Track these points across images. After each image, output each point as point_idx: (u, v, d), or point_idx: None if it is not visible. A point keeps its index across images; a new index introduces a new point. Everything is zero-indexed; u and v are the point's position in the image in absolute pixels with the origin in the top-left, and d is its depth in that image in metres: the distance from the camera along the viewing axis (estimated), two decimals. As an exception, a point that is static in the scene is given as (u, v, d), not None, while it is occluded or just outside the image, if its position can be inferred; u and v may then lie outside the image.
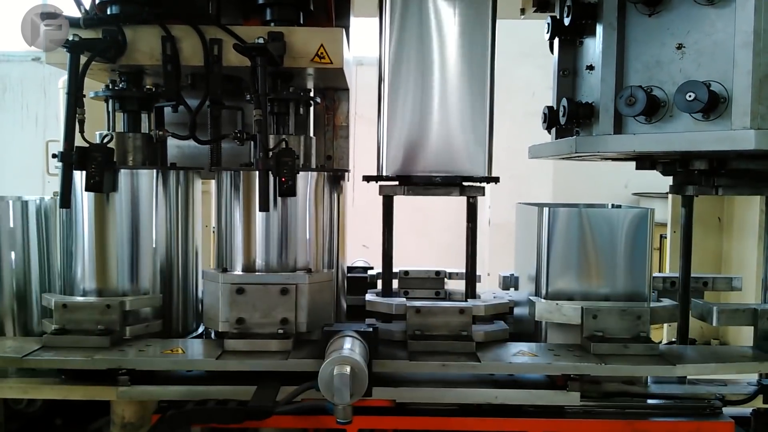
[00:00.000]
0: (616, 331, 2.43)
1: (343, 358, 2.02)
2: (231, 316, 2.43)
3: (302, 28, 2.68)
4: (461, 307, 2.48)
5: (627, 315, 2.43)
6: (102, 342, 2.43)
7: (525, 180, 7.21)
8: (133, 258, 2.63)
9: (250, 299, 2.42)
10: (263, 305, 2.42)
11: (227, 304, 2.43)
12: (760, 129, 2.10)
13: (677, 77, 2.31)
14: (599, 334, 2.42)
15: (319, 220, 2.66)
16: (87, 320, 2.48)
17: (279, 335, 2.41)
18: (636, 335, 2.41)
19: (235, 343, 2.41)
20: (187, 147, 3.13)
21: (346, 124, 3.26)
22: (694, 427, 2.31)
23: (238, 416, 2.19)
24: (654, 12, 2.39)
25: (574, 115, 2.56)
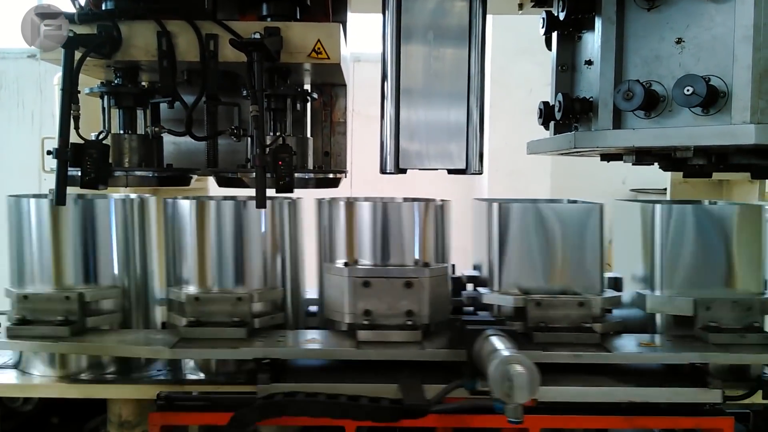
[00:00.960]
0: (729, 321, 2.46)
1: (515, 357, 1.98)
2: (358, 308, 2.45)
3: (299, 24, 2.66)
4: (580, 300, 2.48)
5: (738, 306, 2.47)
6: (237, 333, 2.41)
7: (522, 176, 7.21)
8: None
9: (375, 292, 2.44)
10: (389, 298, 2.45)
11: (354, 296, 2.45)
12: (760, 123, 2.09)
13: (676, 72, 2.29)
14: (713, 324, 2.46)
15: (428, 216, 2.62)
16: (219, 312, 2.47)
17: (408, 326, 2.43)
18: (748, 325, 2.45)
19: (365, 334, 2.41)
20: (184, 143, 3.11)
21: (343, 120, 3.24)
22: (693, 423, 2.30)
23: (395, 414, 2.15)
24: (653, 6, 2.37)
25: (570, 110, 2.55)
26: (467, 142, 2.66)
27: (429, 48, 2.65)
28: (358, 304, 2.44)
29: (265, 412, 2.17)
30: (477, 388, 2.15)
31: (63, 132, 2.45)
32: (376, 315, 2.44)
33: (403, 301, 2.44)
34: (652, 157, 2.62)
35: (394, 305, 2.44)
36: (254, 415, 2.16)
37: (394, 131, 2.66)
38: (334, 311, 2.53)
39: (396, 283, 2.43)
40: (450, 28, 2.64)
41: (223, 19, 2.62)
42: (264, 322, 2.52)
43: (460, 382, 2.17)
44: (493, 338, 2.15)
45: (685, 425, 2.33)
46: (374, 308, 2.44)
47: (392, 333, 2.41)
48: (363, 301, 2.44)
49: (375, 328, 2.42)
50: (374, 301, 2.44)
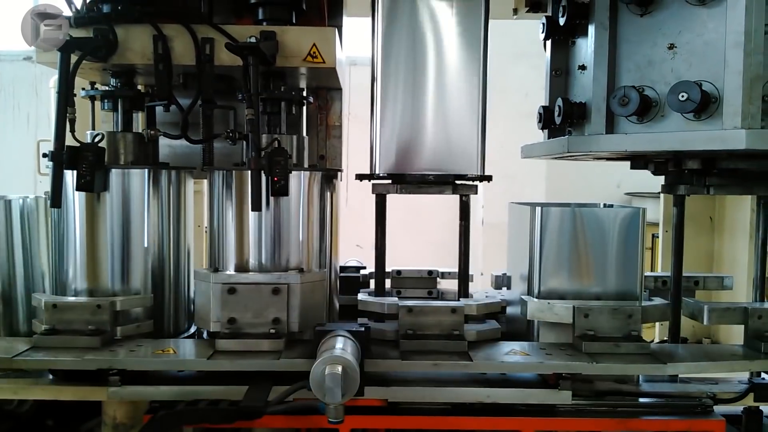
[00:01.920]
0: (607, 329, 2.43)
1: (334, 357, 2.02)
2: (222, 315, 2.42)
3: (295, 28, 2.67)
4: (453, 307, 2.48)
5: (618, 314, 2.43)
6: (92, 342, 2.42)
7: (518, 180, 7.23)
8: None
9: (241, 299, 2.41)
10: (255, 305, 2.42)
11: (219, 303, 2.42)
12: (751, 129, 2.11)
13: (669, 77, 2.31)
14: (590, 332, 2.42)
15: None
16: (77, 320, 2.46)
17: (271, 335, 2.40)
18: (627, 334, 2.42)
19: (226, 343, 2.39)
20: (179, 147, 3.12)
21: (339, 123, 3.25)
22: (685, 425, 2.32)
23: (230, 416, 2.18)
24: (646, 12, 2.40)
25: (569, 114, 2.57)
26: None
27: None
28: (222, 311, 2.41)
29: None
30: None
31: (59, 135, 2.45)
32: (242, 323, 2.41)
33: (269, 309, 2.41)
34: (645, 162, 2.64)
35: (261, 313, 2.41)
36: None
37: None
38: (201, 319, 2.53)
39: (264, 290, 2.41)
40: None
41: (218, 23, 2.64)
42: (128, 331, 2.53)
43: (304, 382, 2.14)
44: (336, 339, 2.16)
45: (677, 427, 2.34)
46: (239, 316, 2.41)
47: (252, 342, 2.38)
48: (228, 309, 2.41)
49: (237, 336, 2.39)
50: (240, 308, 2.41)
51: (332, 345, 2.12)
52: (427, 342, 2.43)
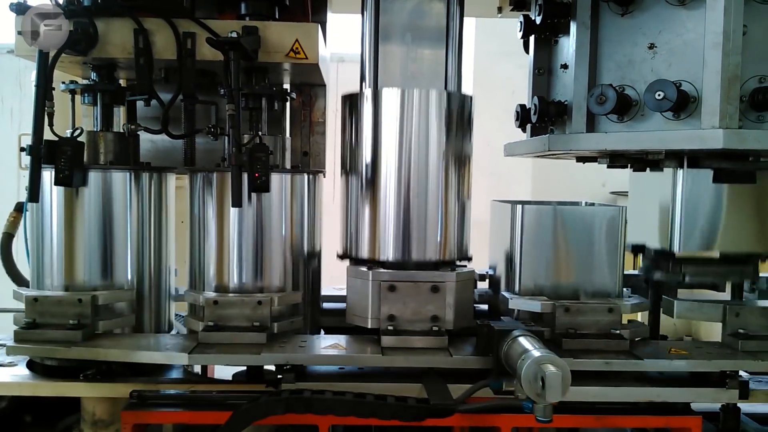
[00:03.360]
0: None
1: (548, 357, 1.99)
2: (382, 312, 2.45)
3: (277, 23, 2.66)
4: (610, 306, 2.48)
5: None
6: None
7: (504, 178, 7.25)
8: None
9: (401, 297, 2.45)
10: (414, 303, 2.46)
11: (377, 300, 2.45)
12: (729, 128, 2.13)
13: (649, 77, 2.33)
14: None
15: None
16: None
17: (433, 332, 2.43)
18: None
19: (389, 340, 2.41)
20: (161, 142, 3.10)
21: (322, 120, 3.24)
22: (662, 422, 2.34)
23: (421, 413, 2.14)
24: (627, 12, 2.41)
25: (545, 113, 2.58)
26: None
27: (407, 49, 2.66)
28: (382, 308, 2.45)
29: (291, 407, 2.14)
30: (502, 388, 2.17)
31: (37, 129, 2.43)
32: (401, 320, 2.45)
33: (428, 306, 2.45)
34: (626, 160, 2.66)
35: (419, 310, 2.45)
36: (280, 408, 2.13)
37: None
38: (356, 315, 2.54)
39: (423, 288, 2.45)
40: (428, 30, 2.65)
41: (201, 17, 2.62)
42: (283, 327, 2.53)
43: (486, 381, 2.18)
44: (521, 339, 2.16)
45: (655, 424, 2.36)
46: (398, 313, 2.45)
47: (417, 339, 2.42)
48: (387, 306, 2.45)
49: (399, 333, 2.43)
50: (399, 306, 2.45)
51: (524, 346, 2.09)
52: (588, 341, 2.43)
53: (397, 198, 2.56)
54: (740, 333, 2.49)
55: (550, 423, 2.04)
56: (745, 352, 2.43)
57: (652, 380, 2.41)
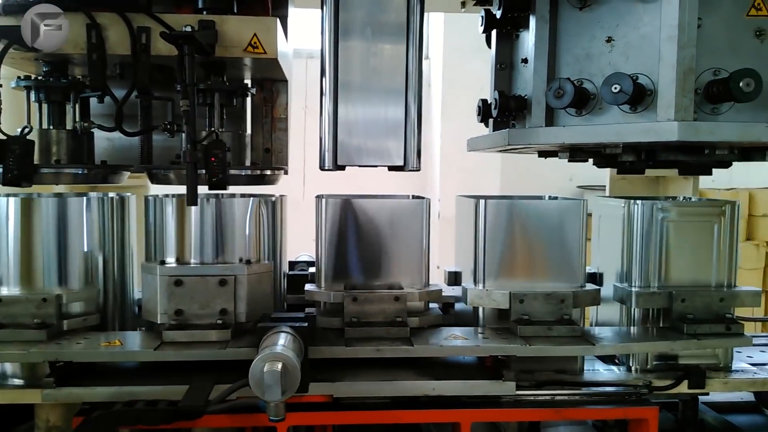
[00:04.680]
0: (542, 314, 2.47)
1: (274, 354, 1.98)
2: (169, 307, 2.38)
3: (235, 17, 2.61)
4: (396, 295, 2.48)
5: (551, 299, 2.47)
6: (39, 336, 2.33)
7: (474, 173, 7.28)
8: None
9: (188, 291, 2.37)
10: (202, 297, 2.38)
11: (165, 295, 2.37)
12: (684, 121, 2.15)
13: (606, 70, 2.34)
14: (525, 317, 2.46)
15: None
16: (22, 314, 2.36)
17: (218, 326, 2.37)
18: (560, 318, 2.46)
19: (173, 334, 2.35)
20: (118, 140, 3.03)
21: (285, 116, 3.20)
22: (620, 413, 2.37)
23: (168, 417, 2.11)
24: (585, 5, 2.42)
25: (506, 107, 2.58)
26: (405, 138, 2.65)
27: (367, 44, 2.63)
28: (169, 303, 2.38)
29: None
30: None
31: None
32: (189, 315, 2.39)
33: (216, 300, 2.39)
34: (585, 154, 2.67)
35: (208, 304, 2.39)
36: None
37: (332, 128, 2.64)
38: (148, 311, 2.48)
39: (211, 282, 2.39)
40: (388, 24, 2.63)
41: (158, 12, 2.55)
42: (75, 323, 2.45)
43: (246, 380, 2.09)
44: (279, 335, 2.14)
45: (613, 416, 2.38)
46: (186, 307, 2.39)
47: (199, 333, 2.36)
48: (174, 301, 2.38)
49: (184, 327, 2.37)
50: (186, 300, 2.39)
51: (274, 341, 2.09)
52: (371, 329, 2.44)
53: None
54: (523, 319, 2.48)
55: (283, 421, 2.04)
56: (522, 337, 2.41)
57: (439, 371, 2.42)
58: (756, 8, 2.25)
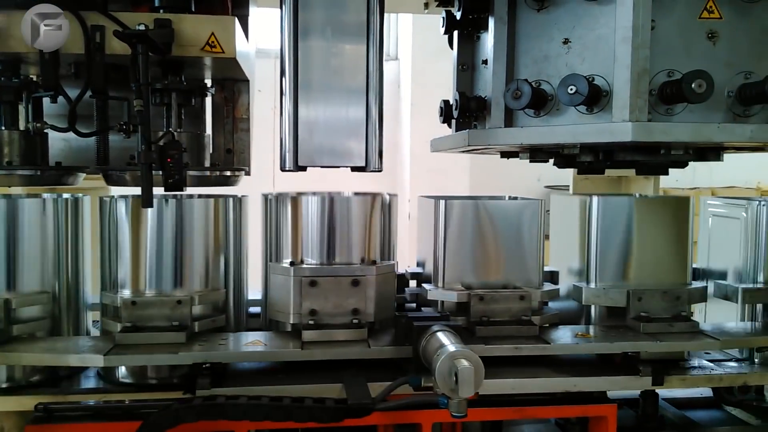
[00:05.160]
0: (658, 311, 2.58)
1: (461, 352, 1.99)
2: (304, 307, 2.42)
3: (192, 16, 2.57)
4: (522, 294, 2.52)
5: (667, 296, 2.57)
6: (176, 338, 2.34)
7: (443, 174, 7.32)
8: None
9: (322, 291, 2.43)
10: (335, 297, 2.44)
11: (299, 295, 2.42)
12: (638, 121, 2.18)
13: (563, 71, 2.36)
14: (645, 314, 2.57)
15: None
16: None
17: (353, 325, 2.41)
18: (677, 314, 2.58)
19: (311, 334, 2.38)
20: (75, 140, 2.96)
21: (246, 116, 3.16)
22: (580, 410, 2.39)
23: (339, 414, 2.11)
24: (542, 7, 2.44)
25: (466, 108, 2.59)
26: (366, 139, 2.64)
27: (327, 44, 2.61)
28: (303, 303, 2.42)
29: (203, 414, 2.08)
30: (421, 384, 2.17)
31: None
32: (322, 314, 2.43)
33: (349, 300, 2.43)
34: (545, 155, 2.69)
35: (340, 304, 2.43)
36: (191, 415, 2.07)
37: (293, 128, 2.61)
38: (278, 311, 2.50)
39: (343, 282, 2.43)
40: (348, 24, 2.61)
41: (115, 10, 2.50)
42: (204, 325, 2.46)
43: (405, 378, 2.18)
44: (439, 334, 2.17)
45: (572, 413, 2.41)
46: (320, 308, 2.42)
47: (337, 332, 2.41)
48: (308, 301, 2.42)
49: (320, 327, 2.41)
50: (320, 300, 2.43)
51: (442, 341, 2.10)
52: (500, 328, 2.47)
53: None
54: (642, 316, 2.55)
55: (465, 417, 2.05)
56: (647, 334, 2.49)
57: (563, 367, 2.47)
58: (708, 11, 2.29)
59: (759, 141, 2.24)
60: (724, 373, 2.70)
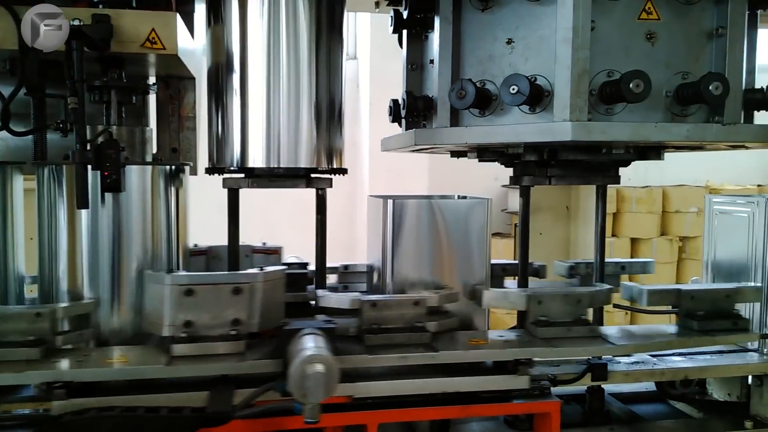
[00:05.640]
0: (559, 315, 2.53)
1: (315, 356, 1.93)
2: (178, 319, 2.25)
3: (132, 11, 2.50)
4: (416, 299, 2.44)
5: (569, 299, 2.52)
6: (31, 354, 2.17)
7: (402, 174, 7.32)
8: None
9: (199, 301, 2.26)
10: (213, 307, 2.28)
11: (174, 306, 2.24)
12: (578, 121, 2.21)
13: (507, 71, 2.38)
14: (544, 318, 2.52)
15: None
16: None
17: (231, 337, 2.28)
18: (577, 318, 2.54)
19: (183, 348, 2.23)
20: (12, 140, 2.85)
21: (192, 114, 3.10)
22: (524, 408, 2.41)
23: (195, 423, 2.02)
24: (487, 7, 2.45)
25: (414, 108, 2.59)
26: (311, 139, 2.62)
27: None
28: (178, 314, 2.26)
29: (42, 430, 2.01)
30: (288, 390, 2.03)
31: None
32: (198, 326, 2.28)
33: (228, 310, 2.29)
34: (492, 154, 2.71)
35: (219, 314, 2.29)
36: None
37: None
38: (152, 323, 2.33)
39: (223, 290, 2.29)
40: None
41: (54, 5, 2.42)
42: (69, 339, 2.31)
43: (272, 384, 2.10)
44: (305, 338, 2.10)
45: (516, 410, 2.43)
46: (196, 319, 2.27)
47: (214, 345, 2.26)
48: (183, 312, 2.26)
49: (194, 340, 2.27)
50: (196, 311, 2.28)
51: (305, 344, 2.02)
52: (391, 335, 2.39)
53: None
54: (541, 320, 2.50)
55: (318, 423, 2.01)
56: (543, 339, 2.45)
57: (461, 370, 2.40)
58: (647, 12, 2.33)
59: (695, 140, 2.29)
60: (666, 368, 2.78)
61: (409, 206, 2.61)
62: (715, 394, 3.06)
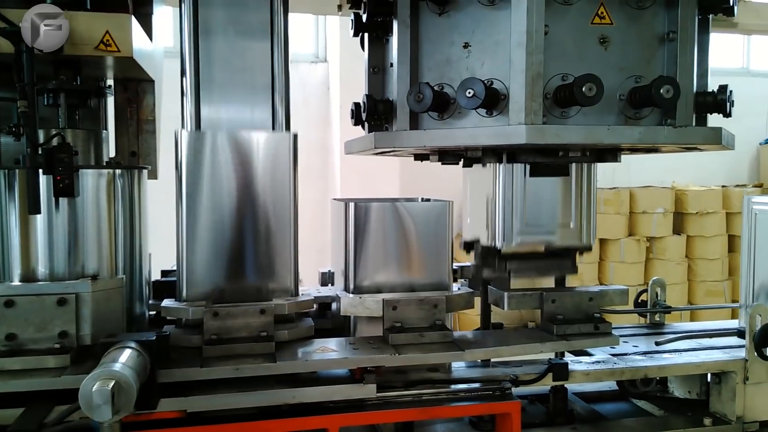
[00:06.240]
0: (415, 320, 2.49)
1: (106, 372, 1.86)
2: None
3: (85, 13, 2.46)
4: (262, 307, 2.40)
5: (424, 304, 2.49)
6: None
7: (373, 176, 7.32)
8: None
9: (21, 312, 2.18)
10: (37, 318, 2.19)
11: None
12: (533, 124, 2.23)
13: (464, 75, 2.39)
14: (398, 324, 2.46)
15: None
16: None
17: (56, 350, 2.19)
18: (432, 323, 2.48)
19: (4, 362, 2.15)
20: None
21: (152, 118, 3.07)
22: (485, 408, 2.43)
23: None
24: (443, 11, 2.47)
25: (374, 111, 2.59)
26: (273, 140, 2.60)
27: (229, 43, 2.56)
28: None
29: None
30: None
31: None
32: (22, 339, 2.20)
33: (54, 321, 2.21)
34: (452, 157, 2.72)
35: (44, 327, 2.21)
36: None
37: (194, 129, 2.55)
38: None
39: (48, 301, 2.21)
40: (250, 23, 2.58)
41: (7, 6, 2.37)
42: None
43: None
44: (121, 351, 2.02)
45: (477, 411, 2.44)
46: (19, 332, 2.20)
47: (39, 359, 2.17)
48: (4, 325, 2.18)
49: (16, 354, 2.18)
50: (20, 322, 2.20)
51: (113, 358, 1.97)
52: (233, 347, 2.33)
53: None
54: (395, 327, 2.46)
55: None
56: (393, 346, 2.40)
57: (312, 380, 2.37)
58: (600, 16, 2.37)
59: (647, 143, 2.33)
60: (626, 367, 2.81)
61: (372, 209, 2.62)
62: (676, 392, 3.11)
